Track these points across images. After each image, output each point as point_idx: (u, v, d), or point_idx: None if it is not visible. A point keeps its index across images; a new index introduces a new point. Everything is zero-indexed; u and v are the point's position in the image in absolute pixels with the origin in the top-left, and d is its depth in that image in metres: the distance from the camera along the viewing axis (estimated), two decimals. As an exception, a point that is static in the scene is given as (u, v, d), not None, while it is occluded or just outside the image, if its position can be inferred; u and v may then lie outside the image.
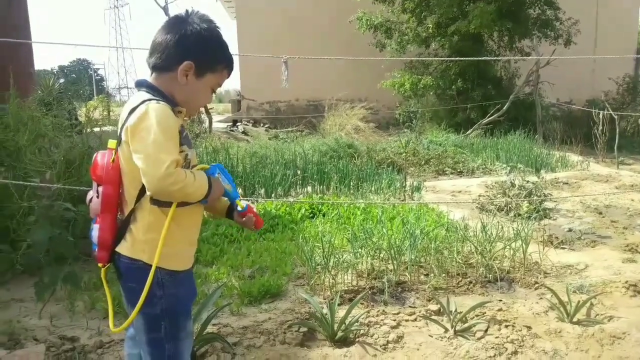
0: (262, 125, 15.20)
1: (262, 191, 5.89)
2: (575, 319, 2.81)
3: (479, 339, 2.64)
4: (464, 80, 12.20)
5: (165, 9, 10.95)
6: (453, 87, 12.30)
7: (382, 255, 3.60)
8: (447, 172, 7.84)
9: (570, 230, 4.63)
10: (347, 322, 2.66)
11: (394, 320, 2.83)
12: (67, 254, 3.00)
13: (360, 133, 11.14)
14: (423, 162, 8.22)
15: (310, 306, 2.92)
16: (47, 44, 13.72)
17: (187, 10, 1.61)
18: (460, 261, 3.59)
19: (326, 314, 2.69)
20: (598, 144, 9.36)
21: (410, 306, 3.05)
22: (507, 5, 11.47)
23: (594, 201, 5.73)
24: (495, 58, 11.99)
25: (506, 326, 2.77)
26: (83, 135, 4.41)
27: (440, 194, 6.20)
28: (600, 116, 9.22)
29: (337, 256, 3.45)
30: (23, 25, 6.79)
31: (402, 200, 5.61)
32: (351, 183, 6.14)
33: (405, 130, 11.09)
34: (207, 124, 12.07)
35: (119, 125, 1.57)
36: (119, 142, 1.55)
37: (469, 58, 10.96)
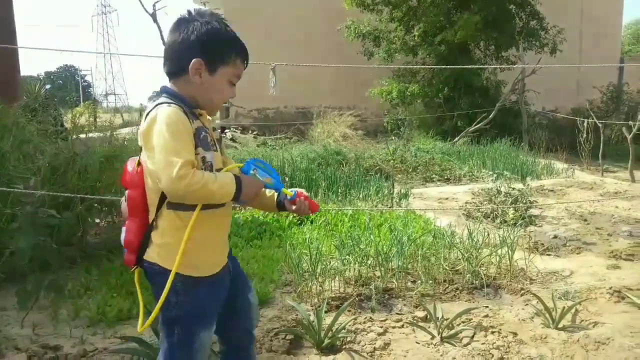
0: (250, 132, 15.18)
1: (250, 198, 5.86)
2: (560, 325, 2.82)
3: (465, 345, 2.64)
4: (450, 89, 12.31)
5: (153, 16, 10.92)
6: (440, 95, 12.41)
7: (369, 262, 3.60)
8: (434, 179, 7.88)
9: (555, 237, 4.68)
10: (334, 329, 2.65)
11: (381, 327, 2.82)
12: (51, 261, 2.96)
13: (349, 140, 11.18)
14: (410, 170, 8.26)
15: (298, 313, 2.91)
16: (33, 49, 13.63)
17: (189, 11, 1.61)
18: (447, 268, 3.60)
19: (313, 322, 2.68)
20: (583, 151, 9.46)
21: (397, 313, 3.05)
22: (492, 16, 11.64)
23: (579, 208, 5.80)
24: (481, 66, 12.13)
25: (492, 332, 2.78)
26: (68, 142, 4.37)
27: (427, 201, 6.23)
28: (585, 124, 9.33)
29: (324, 263, 3.44)
30: (8, 31, 6.73)
31: (390, 207, 5.63)
32: (339, 190, 6.14)
33: (393, 137, 11.14)
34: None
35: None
36: (141, 149, 1.56)
37: (456, 67, 11.07)
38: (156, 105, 1.51)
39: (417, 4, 12.47)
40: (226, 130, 14.69)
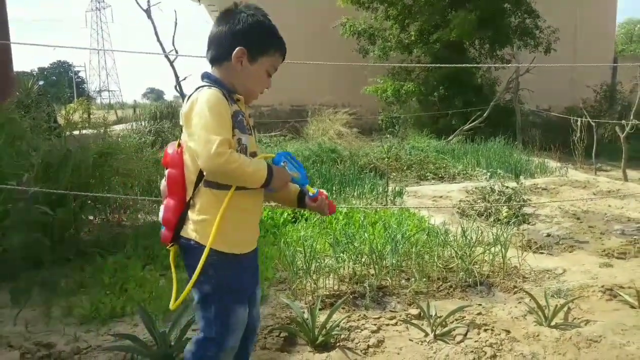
0: (245, 129, 15.14)
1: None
2: (553, 323, 2.84)
3: (458, 343, 2.66)
4: (445, 87, 12.33)
5: (147, 12, 10.85)
6: (435, 93, 12.42)
7: (363, 259, 3.60)
8: (428, 177, 7.89)
9: (548, 235, 4.70)
10: (328, 326, 2.66)
11: (375, 324, 2.83)
12: (44, 258, 2.95)
13: (343, 138, 11.16)
14: (405, 168, 8.27)
15: (292, 311, 2.91)
16: (27, 44, 13.53)
17: (235, 3, 1.71)
18: (441, 266, 3.61)
19: (307, 319, 2.68)
20: (576, 150, 9.51)
21: (391, 310, 3.06)
22: (487, 14, 11.64)
23: (572, 207, 5.83)
24: (475, 65, 12.14)
25: (485, 330, 2.79)
26: (62, 138, 4.35)
27: (421, 199, 6.25)
28: (579, 123, 9.37)
29: (318, 261, 3.45)
30: (1, 27, 6.68)
31: (384, 205, 5.64)
32: (334, 188, 6.14)
33: (388, 135, 11.14)
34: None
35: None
36: (182, 130, 1.66)
37: (451, 65, 11.08)
38: (197, 88, 1.62)
39: (412, 2, 12.45)
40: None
